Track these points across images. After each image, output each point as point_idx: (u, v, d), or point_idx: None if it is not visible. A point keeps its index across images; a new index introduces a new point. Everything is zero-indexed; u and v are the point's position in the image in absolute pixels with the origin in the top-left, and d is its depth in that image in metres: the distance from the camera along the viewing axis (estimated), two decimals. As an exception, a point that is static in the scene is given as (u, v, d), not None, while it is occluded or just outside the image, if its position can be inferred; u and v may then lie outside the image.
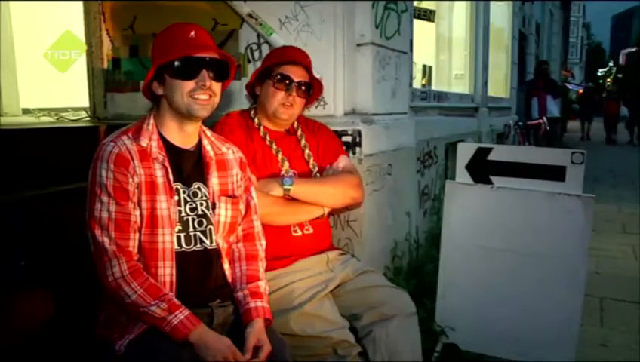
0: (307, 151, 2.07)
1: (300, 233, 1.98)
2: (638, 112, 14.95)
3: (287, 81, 1.95)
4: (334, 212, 2.20)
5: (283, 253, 1.91)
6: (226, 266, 1.62)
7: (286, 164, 1.99)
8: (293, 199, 1.92)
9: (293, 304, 1.80)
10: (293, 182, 1.91)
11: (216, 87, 1.54)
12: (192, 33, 1.51)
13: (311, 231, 2.00)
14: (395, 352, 1.86)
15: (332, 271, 1.95)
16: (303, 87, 1.99)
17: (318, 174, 2.05)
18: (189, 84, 1.50)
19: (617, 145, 14.95)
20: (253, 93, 2.06)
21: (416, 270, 2.94)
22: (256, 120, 2.04)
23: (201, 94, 1.51)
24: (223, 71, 1.56)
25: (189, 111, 1.52)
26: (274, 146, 2.00)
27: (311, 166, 2.05)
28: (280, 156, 1.99)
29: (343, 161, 2.10)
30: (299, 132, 2.10)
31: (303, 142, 2.08)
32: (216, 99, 1.56)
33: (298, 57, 2.00)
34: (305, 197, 1.93)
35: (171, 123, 1.56)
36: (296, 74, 1.97)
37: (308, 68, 2.01)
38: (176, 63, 1.49)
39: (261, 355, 1.45)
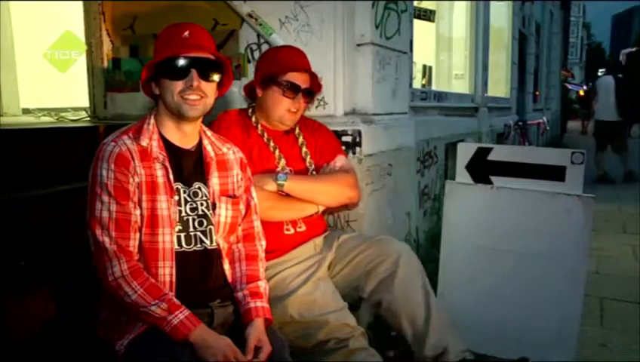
0: (304, 149, 2.07)
1: (292, 231, 1.99)
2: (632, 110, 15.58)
3: (296, 89, 1.96)
4: (331, 211, 2.20)
5: (274, 248, 1.92)
6: (226, 266, 1.62)
7: (282, 162, 1.99)
8: (287, 195, 1.93)
9: (287, 290, 1.83)
10: (288, 178, 1.91)
11: (207, 87, 1.52)
12: (186, 33, 1.50)
13: (304, 228, 2.01)
14: (406, 312, 1.92)
15: (321, 254, 1.98)
16: (312, 94, 2.02)
17: (314, 172, 2.05)
18: (179, 84, 1.49)
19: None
20: (252, 94, 2.05)
21: (416, 270, 2.93)
22: (253, 118, 2.04)
23: (191, 94, 1.49)
24: (215, 71, 1.54)
25: (179, 112, 1.51)
26: (271, 144, 2.01)
27: (307, 164, 2.06)
28: (277, 153, 2.00)
29: (340, 161, 2.10)
30: (296, 130, 2.10)
31: (300, 140, 2.08)
32: (209, 100, 1.54)
33: (304, 64, 2.02)
34: (299, 194, 1.93)
35: (169, 123, 1.56)
36: (302, 80, 1.98)
37: (310, 70, 2.02)
38: (165, 63, 1.48)
39: (261, 356, 1.45)
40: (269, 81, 1.97)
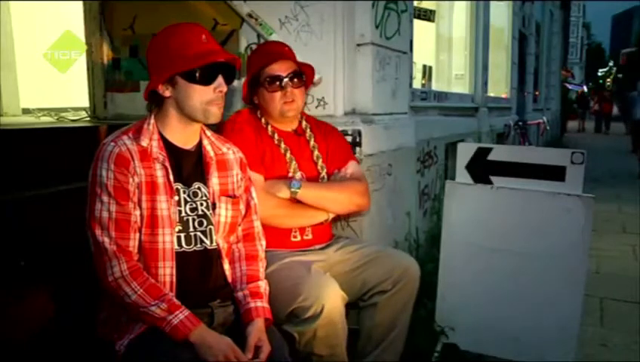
0: (316, 152, 2.05)
1: (299, 238, 1.98)
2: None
3: (278, 80, 1.94)
4: (339, 218, 2.20)
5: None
6: (226, 266, 1.62)
7: (294, 164, 1.98)
8: (298, 202, 1.91)
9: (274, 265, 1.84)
10: (301, 185, 1.89)
11: (225, 90, 1.55)
12: (204, 37, 1.51)
13: (310, 237, 2.00)
14: (375, 337, 1.97)
15: (322, 255, 1.99)
16: (296, 79, 1.96)
17: (325, 176, 2.03)
18: (208, 91, 1.50)
19: (610, 134, 18.65)
20: (251, 102, 2.04)
21: (417, 270, 2.93)
22: (263, 120, 2.03)
23: (218, 100, 1.52)
24: (234, 74, 1.58)
25: (206, 117, 1.53)
26: (282, 145, 1.99)
27: (319, 167, 2.03)
28: (288, 155, 1.98)
29: (351, 167, 2.08)
30: (308, 132, 2.08)
31: (312, 142, 2.06)
32: None
33: (277, 51, 1.98)
34: (311, 201, 1.92)
35: (176, 124, 1.55)
36: (283, 68, 1.95)
37: (291, 57, 1.99)
38: (198, 71, 1.48)
39: (261, 355, 1.45)
40: (255, 84, 1.97)
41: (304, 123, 2.10)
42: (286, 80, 1.94)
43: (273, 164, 1.95)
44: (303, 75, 2.00)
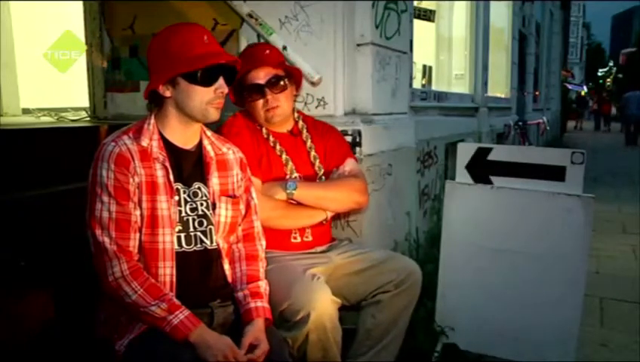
0: (313, 153, 2.04)
1: (299, 240, 1.97)
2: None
3: (257, 88, 1.92)
4: (337, 217, 2.19)
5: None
6: (226, 266, 1.62)
7: (290, 164, 1.97)
8: (296, 203, 1.91)
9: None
10: (297, 186, 1.89)
11: (226, 91, 1.56)
12: (205, 37, 1.51)
13: (310, 239, 1.99)
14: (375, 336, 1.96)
15: (324, 258, 1.98)
16: (280, 82, 1.93)
17: (323, 177, 2.03)
18: (208, 92, 1.51)
19: (610, 132, 19.68)
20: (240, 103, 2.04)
21: (417, 270, 2.93)
22: (257, 123, 2.03)
23: (218, 101, 1.53)
24: (235, 75, 1.59)
25: (206, 117, 1.53)
26: (278, 147, 1.99)
27: (316, 168, 2.03)
28: (284, 157, 1.98)
29: (349, 165, 2.07)
30: (304, 133, 2.07)
31: (309, 143, 2.05)
32: None
33: (256, 57, 1.94)
34: (308, 201, 1.92)
35: (176, 124, 1.56)
36: (262, 75, 1.91)
37: (271, 61, 1.94)
38: (200, 72, 1.48)
39: (256, 352, 1.44)
40: (239, 91, 1.96)
41: (301, 123, 2.09)
42: (264, 87, 1.91)
43: (270, 167, 1.95)
44: (285, 79, 1.95)
